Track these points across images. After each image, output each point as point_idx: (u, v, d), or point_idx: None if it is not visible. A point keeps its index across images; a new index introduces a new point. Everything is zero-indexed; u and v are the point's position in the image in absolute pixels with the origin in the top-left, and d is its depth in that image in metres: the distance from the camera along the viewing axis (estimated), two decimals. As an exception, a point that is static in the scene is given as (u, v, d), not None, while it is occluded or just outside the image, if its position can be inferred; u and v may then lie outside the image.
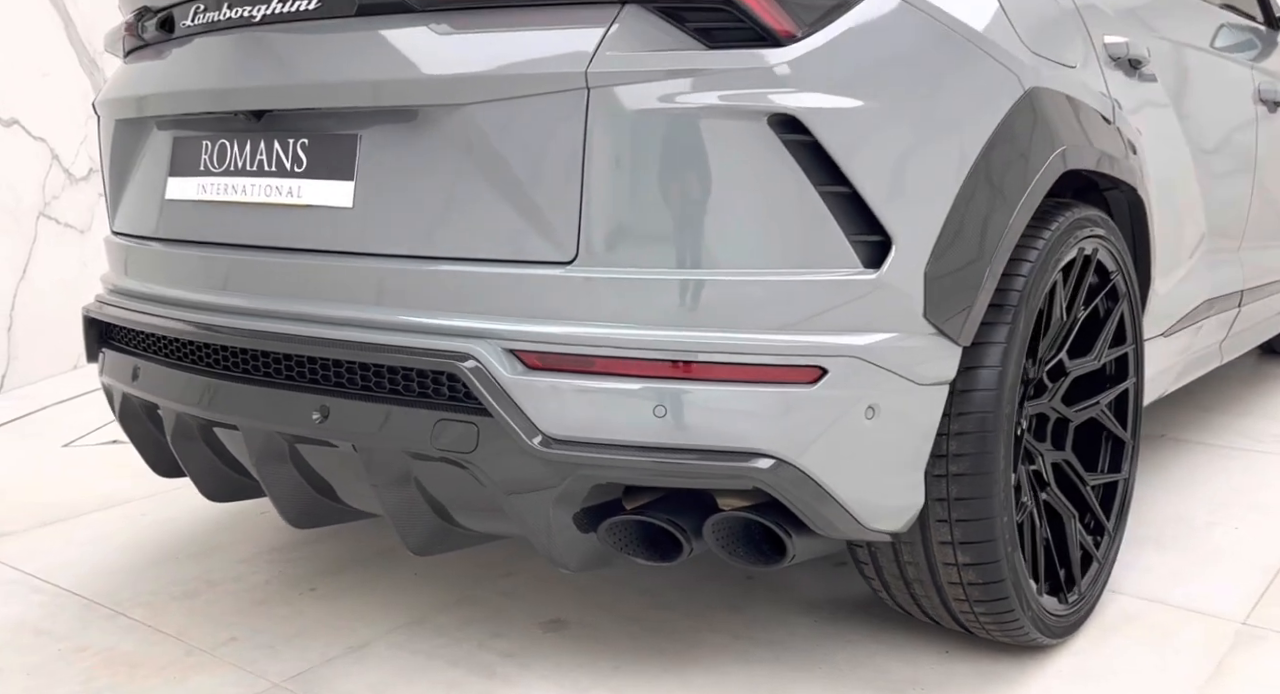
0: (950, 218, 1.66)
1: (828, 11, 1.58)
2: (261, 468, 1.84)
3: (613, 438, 1.56)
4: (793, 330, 1.56)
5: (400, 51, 1.67)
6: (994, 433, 1.76)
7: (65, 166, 4.85)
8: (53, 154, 4.78)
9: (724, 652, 2.05)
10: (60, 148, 4.84)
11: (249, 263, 1.86)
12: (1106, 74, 2.11)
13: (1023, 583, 1.87)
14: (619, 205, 1.54)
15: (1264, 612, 2.18)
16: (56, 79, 4.75)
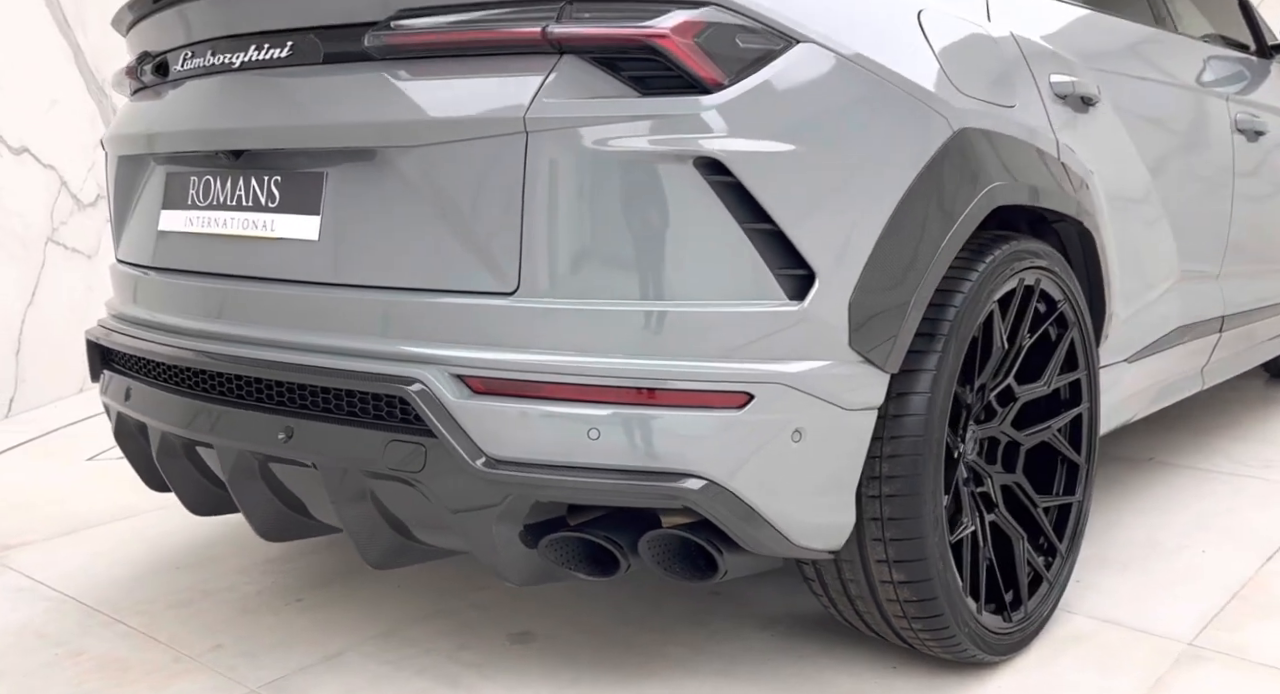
0: (875, 253, 1.74)
1: (753, 61, 1.68)
2: (234, 484, 1.96)
3: (550, 459, 1.66)
4: (720, 358, 1.65)
5: (360, 96, 1.79)
6: (924, 456, 1.84)
7: (73, 193, 4.90)
8: (61, 181, 4.83)
9: (679, 665, 2.14)
10: (69, 174, 4.88)
11: (227, 291, 1.99)
12: (1051, 112, 2.19)
13: (958, 600, 1.94)
14: (556, 241, 1.65)
15: (1212, 634, 2.23)
16: (65, 107, 4.83)
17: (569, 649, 2.21)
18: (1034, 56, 2.20)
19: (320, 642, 2.28)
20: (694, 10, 1.65)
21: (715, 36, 1.65)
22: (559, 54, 1.66)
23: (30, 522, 3.17)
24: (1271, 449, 3.57)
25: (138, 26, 2.26)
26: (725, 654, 2.17)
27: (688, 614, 2.35)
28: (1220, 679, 2.05)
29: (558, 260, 1.65)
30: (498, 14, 1.68)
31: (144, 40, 2.27)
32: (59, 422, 4.33)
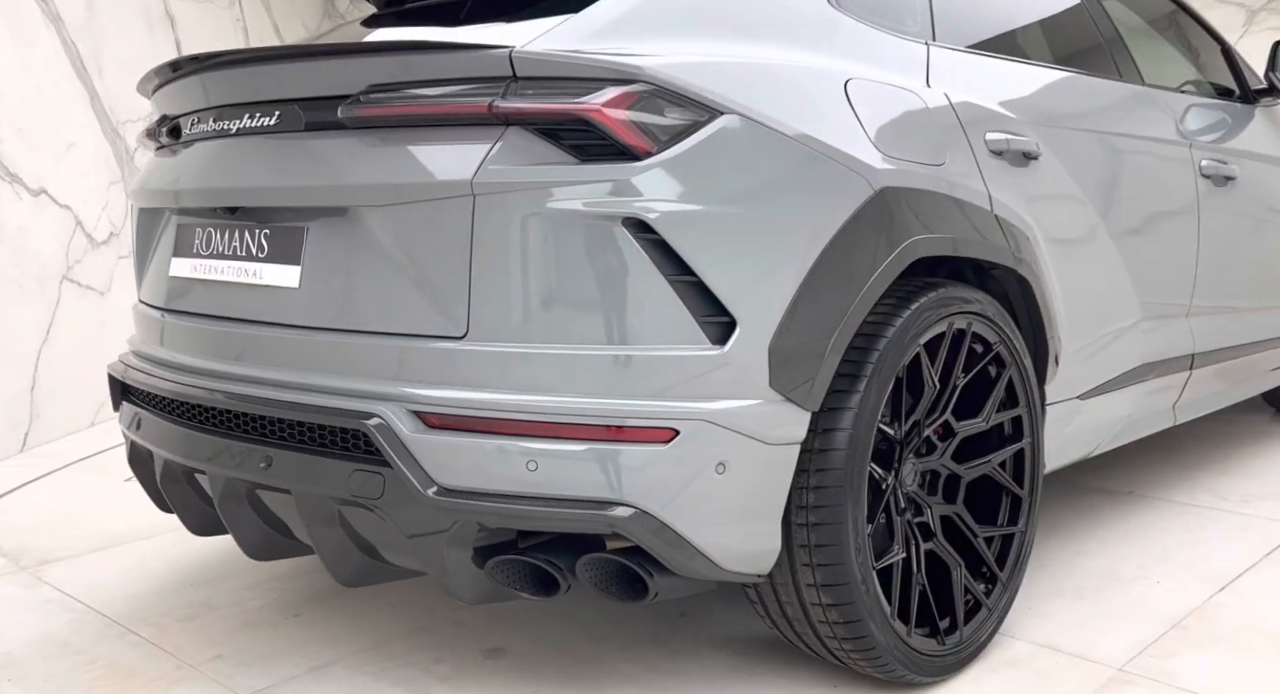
0: (794, 302, 1.90)
1: (680, 132, 1.85)
2: (223, 507, 2.16)
3: (494, 488, 1.83)
4: (648, 397, 1.82)
5: (335, 161, 1.99)
6: (845, 488, 1.98)
7: (88, 232, 4.97)
8: (76, 220, 4.89)
9: (634, 681, 2.29)
10: (84, 214, 4.94)
11: (222, 333, 2.19)
12: (984, 169, 2.33)
13: (884, 623, 2.08)
14: (500, 292, 1.83)
15: (1144, 661, 2.33)
16: (81, 149, 4.91)
17: (535, 664, 2.38)
18: (969, 117, 2.35)
19: (311, 654, 2.47)
20: (625, 86, 1.83)
21: (644, 110, 1.83)
22: (505, 125, 1.84)
23: (68, 539, 3.41)
24: (1255, 484, 3.62)
25: (159, 92, 2.49)
26: (678, 672, 2.32)
27: (651, 633, 2.51)
28: None
29: (501, 308, 1.83)
30: (452, 90, 1.88)
31: (163, 104, 2.50)
32: (75, 454, 4.43)
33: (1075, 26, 3.10)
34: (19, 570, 3.17)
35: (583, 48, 1.87)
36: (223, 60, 2.20)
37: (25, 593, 2.98)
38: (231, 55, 2.17)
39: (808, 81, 2.06)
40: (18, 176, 4.49)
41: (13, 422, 4.48)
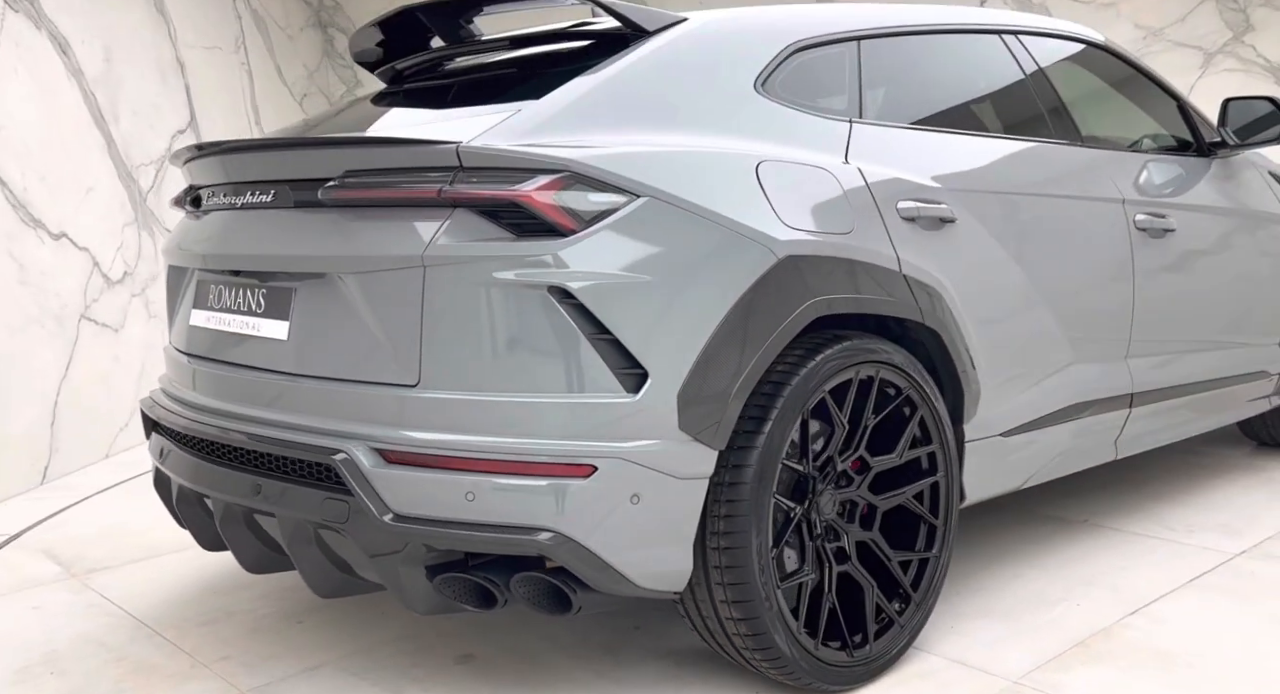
0: (701, 357, 2.17)
1: (601, 213, 2.14)
2: (224, 527, 2.48)
3: (440, 515, 2.12)
4: (569, 438, 2.10)
5: (317, 233, 2.31)
6: (750, 517, 2.24)
7: (104, 271, 5.10)
8: (94, 261, 5.01)
9: (582, 686, 2.55)
10: (100, 255, 5.07)
11: (227, 376, 2.52)
12: (894, 235, 2.57)
13: (790, 636, 2.33)
14: (446, 347, 2.12)
15: (1039, 674, 2.54)
16: (99, 193, 5.05)
17: (498, 670, 2.66)
18: (882, 189, 2.59)
19: (306, 656, 2.77)
20: (554, 175, 2.12)
21: (570, 195, 2.12)
22: (453, 207, 2.14)
23: (114, 550, 3.77)
24: (1205, 516, 3.72)
25: (187, 165, 2.84)
26: (621, 678, 2.58)
27: (605, 644, 2.77)
28: None
29: (447, 362, 2.13)
30: (410, 178, 2.18)
31: (190, 176, 2.84)
32: (93, 486, 4.58)
33: (1009, 96, 3.31)
34: (70, 578, 3.53)
35: (520, 142, 2.16)
36: (234, 145, 2.54)
37: (73, 597, 3.34)
38: (240, 142, 2.52)
39: (720, 166, 2.33)
40: (41, 222, 4.64)
41: (34, 455, 4.59)
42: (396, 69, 3.11)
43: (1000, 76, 3.33)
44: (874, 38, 2.95)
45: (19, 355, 4.47)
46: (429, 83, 2.95)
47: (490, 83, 2.70)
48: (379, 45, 3.06)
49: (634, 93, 2.41)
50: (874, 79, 2.90)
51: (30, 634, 3.06)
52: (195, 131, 6.02)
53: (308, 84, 7.58)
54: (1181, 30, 7.60)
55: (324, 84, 7.68)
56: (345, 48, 7.65)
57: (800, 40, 2.74)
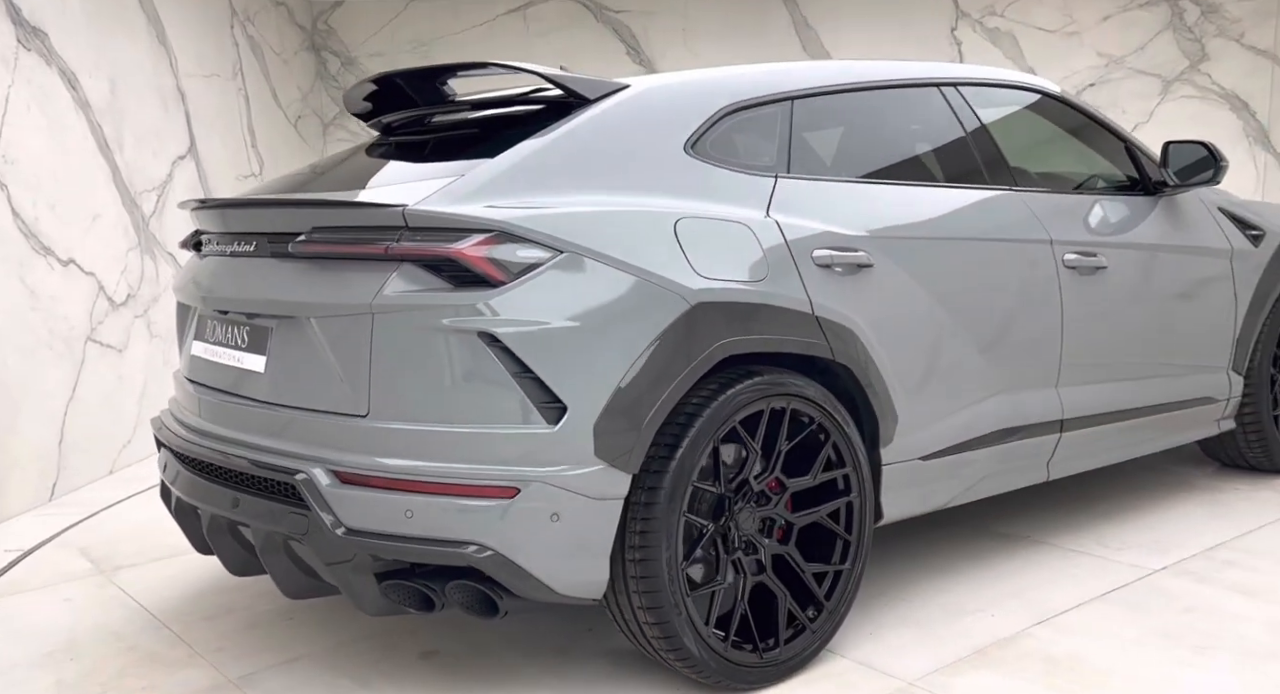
0: (616, 392, 2.41)
1: (528, 267, 2.39)
2: (211, 535, 2.77)
3: (383, 530, 2.39)
4: (497, 463, 2.35)
5: (289, 281, 2.59)
6: (662, 533, 2.48)
7: (109, 295, 5.17)
8: (99, 285, 5.09)
9: (530, 681, 2.80)
10: (105, 279, 5.14)
11: (215, 402, 2.82)
12: (808, 281, 2.78)
13: (698, 638, 2.56)
14: (391, 383, 2.39)
15: (933, 677, 2.74)
16: (104, 219, 5.14)
17: (457, 665, 2.92)
18: (798, 239, 2.81)
19: (289, 649, 3.06)
20: (486, 234, 2.39)
21: (500, 251, 2.38)
22: (400, 261, 2.42)
23: (139, 550, 4.09)
24: (1141, 533, 3.81)
25: (193, 213, 3.14)
26: (567, 675, 2.82)
27: (559, 644, 3.02)
28: None
29: (391, 395, 2.40)
30: (363, 235, 2.46)
31: (195, 222, 3.15)
32: (100, 502, 4.71)
33: (943, 146, 3.50)
34: (98, 574, 3.85)
35: (457, 206, 2.42)
36: (226, 202, 2.85)
37: (97, 592, 3.66)
38: (231, 200, 2.82)
39: (640, 223, 2.57)
40: (50, 249, 4.75)
41: (43, 472, 4.70)
42: (384, 123, 3.40)
43: (935, 128, 3.53)
44: (807, 97, 3.17)
45: (30, 377, 4.60)
46: (407, 138, 3.22)
47: (452, 142, 2.97)
48: (367, 100, 3.34)
49: (570, 157, 2.66)
50: (804, 136, 3.12)
51: (57, 624, 3.38)
52: (195, 156, 6.14)
53: (301, 106, 7.69)
54: (1142, 58, 7.77)
55: (317, 105, 7.87)
56: (338, 70, 7.89)
57: (733, 103, 2.97)
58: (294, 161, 7.36)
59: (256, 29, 7.04)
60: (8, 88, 4.49)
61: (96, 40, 5.14)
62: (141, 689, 2.87)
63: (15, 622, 3.42)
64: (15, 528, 4.31)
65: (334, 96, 7.89)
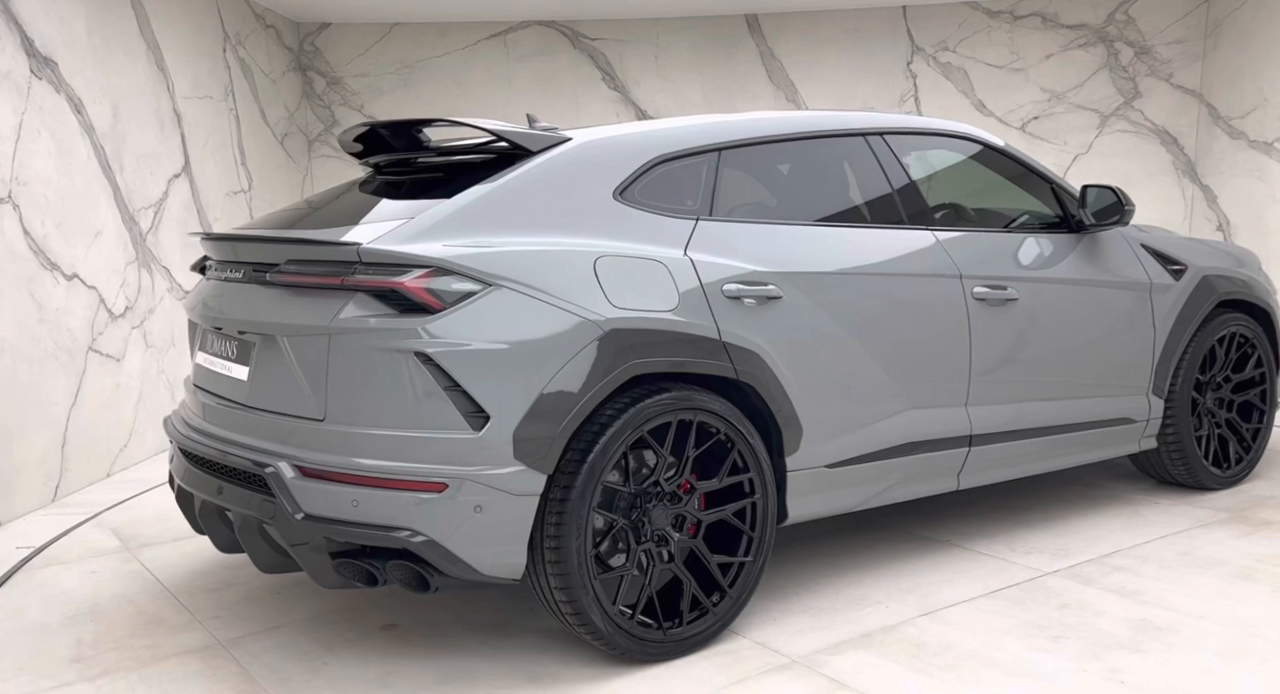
0: (534, 405, 2.74)
1: (462, 297, 2.73)
2: (202, 518, 3.15)
3: (334, 516, 2.74)
4: (429, 462, 2.69)
5: (267, 304, 2.96)
6: (572, 525, 2.80)
7: (109, 307, 5.28)
8: (100, 298, 5.22)
9: (467, 651, 3.12)
10: (106, 292, 5.26)
11: (211, 404, 3.19)
12: (716, 311, 3.08)
13: (605, 615, 2.88)
14: (343, 393, 2.75)
15: (815, 655, 3.00)
16: (105, 236, 5.27)
17: (411, 636, 3.26)
18: (709, 274, 3.09)
19: (272, 618, 3.42)
20: (426, 269, 2.74)
21: (437, 284, 2.73)
22: (354, 291, 2.78)
23: (164, 531, 4.49)
24: (1051, 540, 3.98)
25: (201, 241, 3.53)
26: (500, 646, 3.14)
27: (500, 621, 3.35)
28: (784, 678, 2.87)
29: (344, 403, 2.75)
30: (324, 269, 2.82)
31: (203, 249, 3.54)
32: (101, 502, 4.88)
33: (864, 190, 3.75)
34: (124, 551, 4.26)
35: (403, 245, 2.77)
36: (222, 235, 3.22)
37: (122, 566, 4.06)
38: (226, 234, 3.19)
39: (563, 260, 2.90)
40: (56, 265, 4.89)
41: (46, 475, 4.85)
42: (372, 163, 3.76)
43: (857, 174, 3.81)
44: (734, 148, 3.48)
45: (37, 386, 4.75)
46: (388, 177, 3.57)
47: (419, 184, 3.31)
48: (357, 140, 3.70)
49: (510, 202, 3.00)
50: (729, 183, 3.43)
51: (83, 592, 3.78)
52: (189, 175, 6.25)
53: (288, 124, 7.77)
54: (1081, 94, 8.02)
55: (303, 123, 7.95)
56: (323, 89, 8.03)
57: (662, 154, 3.30)
58: (280, 177, 7.47)
59: (247, 51, 7.08)
60: (21, 114, 4.66)
61: (101, 68, 5.29)
62: (145, 647, 3.25)
63: (48, 589, 3.82)
64: (22, 526, 4.53)
65: (319, 115, 8.02)
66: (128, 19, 5.63)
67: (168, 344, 5.90)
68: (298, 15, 7.73)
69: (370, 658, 3.10)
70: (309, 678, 2.98)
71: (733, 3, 7.63)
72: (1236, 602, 3.40)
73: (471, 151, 3.35)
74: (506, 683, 2.93)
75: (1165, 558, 3.84)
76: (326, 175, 7.90)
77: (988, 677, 2.89)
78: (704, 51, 8.00)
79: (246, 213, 6.95)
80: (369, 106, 7.95)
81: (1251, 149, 7.38)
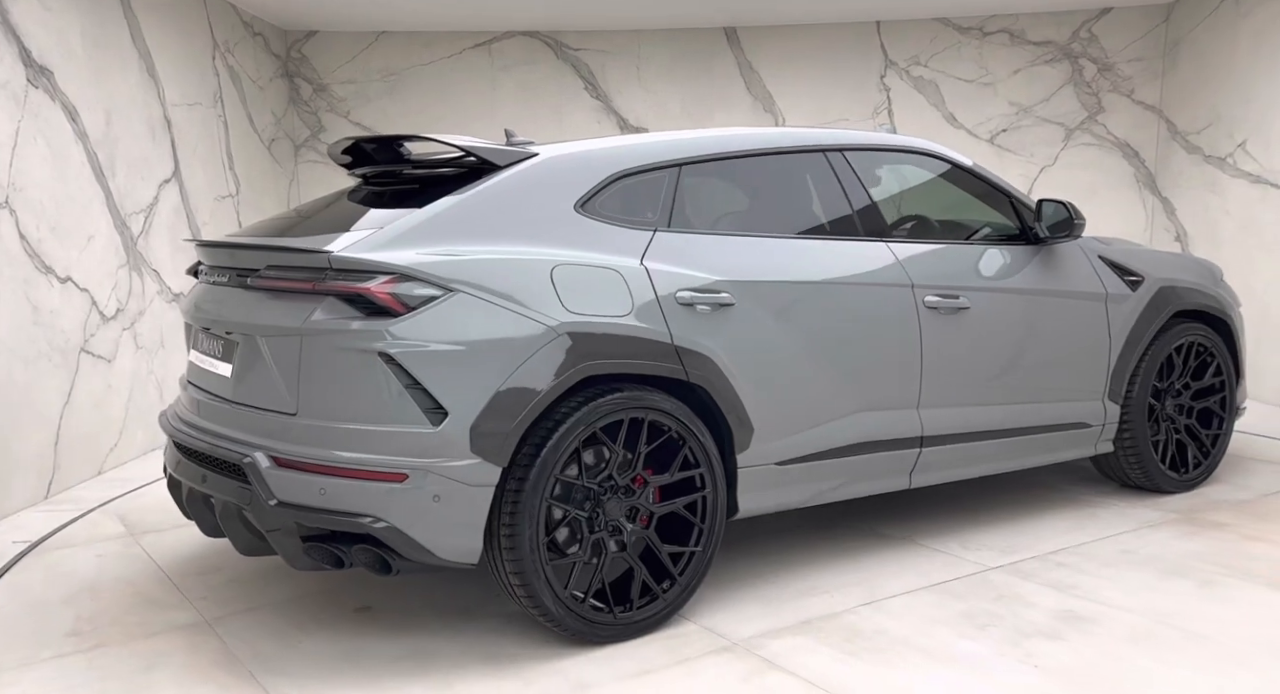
0: (490, 402, 2.88)
1: (424, 301, 2.87)
2: (189, 504, 3.31)
3: (304, 503, 2.89)
4: (391, 454, 2.83)
5: (248, 307, 3.12)
6: (526, 515, 2.95)
7: (101, 309, 5.30)
8: (93, 300, 5.23)
9: (431, 632, 3.25)
10: (98, 295, 5.27)
11: (201, 399, 3.36)
12: (669, 317, 3.18)
13: (556, 599, 3.01)
14: (314, 389, 2.90)
15: (756, 638, 3.12)
16: (98, 240, 5.30)
17: (382, 618, 3.41)
18: (663, 283, 3.20)
19: (254, 599, 3.58)
20: (391, 275, 2.90)
21: (401, 289, 2.88)
22: (325, 295, 2.94)
23: (166, 517, 4.62)
24: (1001, 538, 4.03)
25: (197, 248, 3.71)
26: (462, 629, 3.26)
27: (466, 605, 3.47)
28: (723, 659, 2.99)
29: (314, 399, 2.90)
30: (298, 275, 2.98)
31: (197, 254, 3.71)
32: (93, 499, 4.90)
33: (821, 203, 3.85)
34: (128, 536, 4.43)
35: (371, 252, 2.91)
36: (212, 242, 3.38)
37: (124, 550, 4.23)
38: (215, 241, 3.35)
39: (521, 268, 3.03)
40: (51, 268, 4.92)
41: (40, 472, 4.89)
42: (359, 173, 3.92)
43: (814, 188, 3.94)
44: (695, 163, 3.62)
45: (32, 386, 4.79)
46: (372, 187, 3.71)
47: (397, 195, 3.44)
48: (345, 153, 3.86)
49: (476, 213, 3.15)
50: (687, 196, 3.55)
51: (86, 573, 3.95)
52: (178, 180, 6.27)
53: (275, 129, 7.72)
54: (1047, 108, 8.15)
55: (290, 129, 7.90)
56: (310, 96, 7.98)
57: (624, 169, 3.43)
58: (267, 182, 7.48)
59: (236, 59, 7.06)
60: (18, 122, 4.71)
61: (94, 76, 5.33)
62: (136, 624, 3.41)
63: (56, 569, 4.00)
64: (18, 521, 4.60)
65: (306, 121, 8.00)
66: (121, 30, 5.65)
67: (157, 345, 5.96)
68: (285, 23, 7.75)
69: (341, 637, 3.26)
70: (283, 654, 3.14)
71: (712, 16, 7.72)
72: (1161, 595, 3.51)
73: (446, 165, 3.50)
74: (465, 661, 3.07)
75: (1106, 555, 3.93)
76: (313, 180, 7.91)
77: (910, 660, 3.01)
78: (684, 63, 8.10)
79: (234, 216, 6.99)
80: (355, 113, 7.99)
81: (1206, 163, 7.51)
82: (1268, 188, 6.91)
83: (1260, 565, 3.79)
